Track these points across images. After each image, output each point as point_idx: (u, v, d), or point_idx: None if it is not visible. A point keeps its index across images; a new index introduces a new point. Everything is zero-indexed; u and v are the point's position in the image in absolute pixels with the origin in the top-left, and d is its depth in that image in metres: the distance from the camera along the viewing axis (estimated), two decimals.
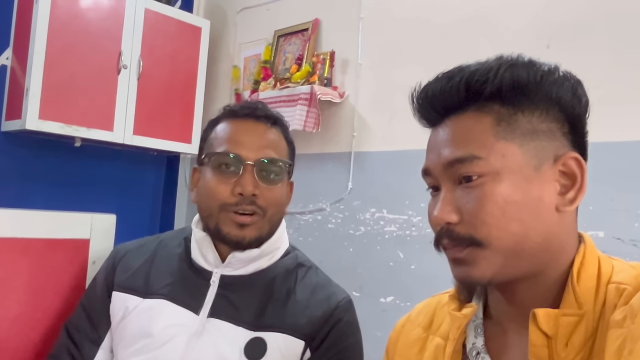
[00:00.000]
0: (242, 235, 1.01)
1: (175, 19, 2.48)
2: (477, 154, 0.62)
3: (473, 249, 0.62)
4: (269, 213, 1.03)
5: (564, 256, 0.63)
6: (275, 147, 1.06)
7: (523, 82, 0.62)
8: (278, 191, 1.04)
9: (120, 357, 1.03)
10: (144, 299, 1.05)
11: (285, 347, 1.00)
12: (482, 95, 0.63)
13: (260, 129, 1.06)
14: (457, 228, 0.63)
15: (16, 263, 1.17)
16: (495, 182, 0.61)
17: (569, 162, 0.62)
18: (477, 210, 0.61)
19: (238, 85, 2.62)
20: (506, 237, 0.60)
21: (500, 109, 0.63)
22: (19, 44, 2.15)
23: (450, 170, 0.64)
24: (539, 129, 0.62)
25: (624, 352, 0.52)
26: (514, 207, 0.60)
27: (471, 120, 0.64)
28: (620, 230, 1.45)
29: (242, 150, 1.01)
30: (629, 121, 1.46)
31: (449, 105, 0.66)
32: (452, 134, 0.65)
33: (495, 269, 0.61)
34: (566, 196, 0.62)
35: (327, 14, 2.30)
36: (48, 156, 2.35)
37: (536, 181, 0.61)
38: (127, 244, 1.16)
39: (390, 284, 1.93)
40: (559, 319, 0.58)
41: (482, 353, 0.68)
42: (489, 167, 0.61)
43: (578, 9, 1.60)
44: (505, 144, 0.62)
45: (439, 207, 0.64)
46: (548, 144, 0.62)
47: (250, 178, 1.00)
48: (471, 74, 0.63)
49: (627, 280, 0.59)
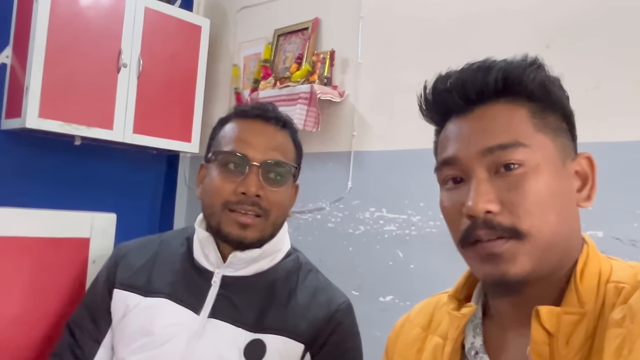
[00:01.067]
0: (243, 236, 1.01)
1: (175, 17, 2.48)
2: (522, 141, 0.61)
3: (514, 243, 0.59)
4: (273, 215, 1.03)
5: (573, 254, 0.64)
6: (283, 149, 1.06)
7: (548, 82, 0.64)
8: (282, 193, 1.04)
9: (120, 355, 1.03)
10: (145, 297, 1.05)
11: (284, 349, 1.00)
12: (518, 90, 0.64)
13: (269, 131, 1.06)
14: (498, 218, 0.60)
15: (16, 262, 1.17)
16: (538, 172, 0.61)
17: (582, 161, 0.65)
18: (521, 199, 0.60)
19: (238, 84, 2.62)
20: (546, 228, 0.60)
21: (529, 104, 0.64)
22: (19, 42, 2.14)
23: (489, 158, 0.62)
24: (561, 127, 0.65)
25: (623, 351, 0.52)
26: (553, 198, 0.61)
27: (507, 110, 0.64)
28: (619, 230, 1.45)
29: (249, 151, 1.01)
30: (627, 121, 1.47)
31: (483, 94, 0.65)
32: (489, 122, 0.64)
33: (534, 264, 0.60)
34: (581, 193, 0.65)
35: (327, 13, 2.30)
36: (48, 155, 2.35)
37: (564, 175, 0.63)
38: (129, 243, 1.17)
39: (389, 283, 1.93)
40: (561, 317, 0.58)
41: (481, 353, 0.68)
42: (532, 156, 0.61)
43: (577, 9, 1.60)
44: (542, 136, 0.63)
45: (475, 197, 0.61)
46: (568, 142, 0.66)
47: (255, 179, 1.00)
48: (509, 67, 0.64)
49: (625, 279, 0.60)
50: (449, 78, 0.67)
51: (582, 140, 0.69)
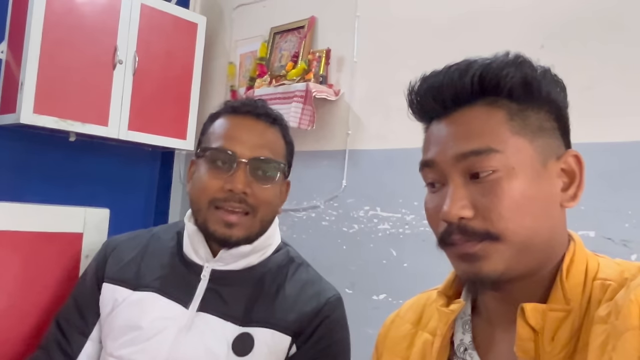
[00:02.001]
0: (229, 234, 1.00)
1: (172, 14, 2.48)
2: (495, 147, 0.61)
3: (487, 243, 0.61)
4: (261, 212, 1.02)
5: (558, 252, 0.64)
6: (272, 146, 1.05)
7: (530, 79, 0.63)
8: (271, 191, 1.04)
9: (109, 349, 1.03)
10: (134, 291, 1.05)
11: (272, 342, 1.00)
12: (496, 90, 0.63)
13: (259, 127, 1.05)
14: (471, 223, 0.61)
15: (9, 256, 1.17)
16: (512, 176, 0.61)
17: (569, 159, 0.64)
18: (494, 205, 0.60)
19: (233, 81, 2.62)
20: (521, 231, 0.60)
21: (510, 105, 0.63)
22: (14, 38, 2.14)
23: (462, 163, 0.62)
24: (544, 126, 0.64)
25: (607, 347, 0.53)
26: (528, 202, 0.61)
27: (483, 114, 0.63)
28: (611, 230, 1.46)
29: (237, 147, 1.01)
30: (620, 122, 1.48)
31: (459, 97, 0.65)
32: (464, 126, 0.64)
33: (507, 264, 0.61)
34: (567, 192, 0.64)
35: (324, 12, 2.31)
36: (42, 150, 2.34)
37: (545, 177, 0.63)
38: (118, 237, 1.16)
39: (382, 281, 1.94)
40: (546, 314, 0.59)
41: (470, 349, 0.68)
42: (506, 162, 0.61)
43: (572, 10, 1.61)
44: (519, 139, 0.62)
45: (450, 202, 0.62)
46: (551, 142, 0.64)
47: (242, 176, 0.99)
48: (486, 68, 0.63)
49: (612, 277, 0.60)
50: (427, 82, 0.67)
51: (575, 140, 0.68)
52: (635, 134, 1.46)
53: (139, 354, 0.99)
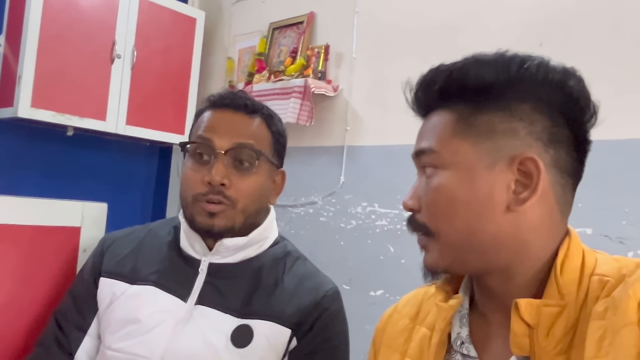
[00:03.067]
0: (211, 224, 1.00)
1: (170, 9, 2.47)
2: (434, 147, 0.66)
3: (430, 239, 0.67)
4: (241, 204, 1.01)
5: (531, 254, 0.63)
6: (252, 136, 1.04)
7: (485, 82, 0.63)
8: (252, 181, 1.03)
9: (107, 343, 1.03)
10: (131, 285, 1.05)
11: (271, 334, 1.00)
12: (445, 94, 0.66)
13: (237, 118, 1.05)
14: (416, 215, 0.68)
15: (6, 250, 1.17)
16: (444, 176, 0.65)
17: (525, 162, 0.62)
18: (430, 202, 0.66)
19: (232, 77, 2.62)
20: (452, 232, 0.64)
21: (463, 108, 0.65)
22: (12, 31, 2.13)
23: (417, 161, 0.70)
24: (497, 128, 0.63)
25: (604, 342, 0.53)
26: (459, 204, 0.63)
27: (438, 117, 0.68)
28: (608, 228, 1.46)
29: (215, 139, 1.01)
30: (618, 119, 1.47)
31: (426, 102, 0.70)
32: (425, 128, 0.70)
33: (448, 261, 0.66)
34: (520, 196, 0.62)
35: (323, 8, 2.30)
36: (40, 145, 2.33)
37: (486, 179, 0.62)
38: (115, 233, 1.17)
39: (380, 277, 1.94)
40: (540, 309, 0.59)
41: (467, 343, 0.69)
42: (441, 161, 0.65)
43: (571, 7, 1.61)
44: (459, 142, 0.64)
45: (408, 194, 0.70)
46: (506, 143, 0.62)
47: (220, 167, 0.99)
48: (439, 73, 0.66)
49: (610, 273, 0.60)
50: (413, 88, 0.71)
51: None
52: (633, 132, 1.46)
53: (138, 346, 0.99)
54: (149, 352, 0.99)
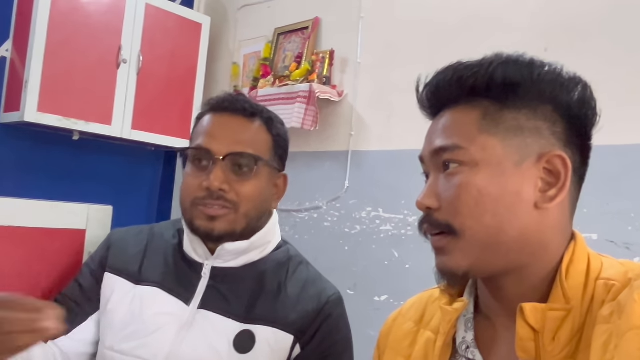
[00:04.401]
0: (211, 228, 1.00)
1: (176, 14, 2.48)
2: (460, 143, 0.64)
3: (451, 239, 0.64)
4: (243, 208, 1.01)
5: (549, 254, 0.64)
6: (251, 140, 1.03)
7: (513, 80, 0.63)
8: (252, 185, 1.02)
9: (109, 343, 1.02)
10: (136, 285, 1.05)
11: (274, 341, 1.00)
12: (471, 90, 0.65)
13: (236, 122, 1.04)
14: (435, 214, 0.66)
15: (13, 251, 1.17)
16: (472, 173, 0.63)
17: (553, 160, 0.63)
18: (453, 199, 0.64)
19: (237, 82, 2.62)
20: (480, 229, 0.62)
21: (488, 104, 0.65)
22: (19, 36, 2.15)
23: (436, 158, 0.67)
24: (525, 126, 0.63)
25: (609, 347, 0.53)
26: (488, 200, 0.62)
27: (460, 113, 0.67)
28: (614, 233, 1.46)
29: (214, 145, 1.01)
30: (624, 125, 1.47)
31: (445, 98, 0.68)
32: (443, 125, 0.68)
33: (470, 261, 0.63)
34: (547, 193, 0.63)
35: (328, 13, 2.31)
36: (46, 149, 2.34)
37: (515, 176, 0.62)
38: (122, 229, 1.17)
39: (384, 283, 1.94)
40: (546, 314, 0.59)
41: (472, 347, 0.68)
42: (469, 157, 0.63)
43: (576, 13, 1.61)
44: (487, 138, 0.64)
45: (423, 193, 0.67)
46: (533, 141, 0.63)
47: (219, 172, 0.99)
48: (464, 69, 0.66)
49: (615, 277, 0.60)
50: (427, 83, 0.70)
51: None
52: (639, 137, 1.46)
53: (141, 349, 0.99)
54: (152, 356, 0.98)
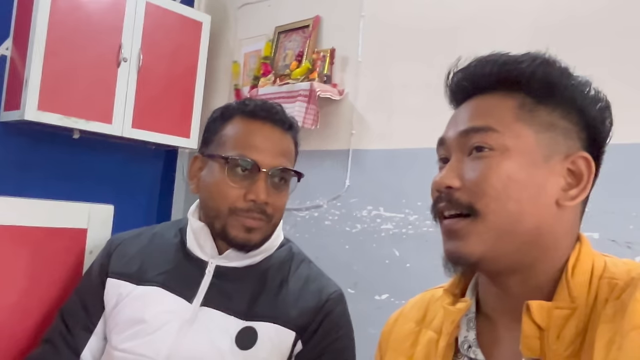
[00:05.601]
0: (248, 239, 1.02)
1: (177, 13, 2.48)
2: (495, 126, 0.64)
3: (469, 222, 0.63)
4: (275, 219, 1.05)
5: (558, 252, 0.64)
6: (289, 154, 1.06)
7: (554, 79, 0.65)
8: (285, 197, 1.06)
9: (113, 342, 1.03)
10: (137, 286, 1.06)
11: (276, 337, 1.01)
12: (512, 80, 0.66)
13: (277, 135, 1.05)
14: (457, 194, 0.64)
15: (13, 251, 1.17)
16: (504, 157, 0.63)
17: (578, 160, 0.64)
18: (480, 180, 0.63)
19: (238, 80, 2.62)
20: (502, 213, 0.62)
21: (525, 97, 0.65)
22: (19, 35, 2.14)
23: (465, 139, 0.66)
24: (557, 124, 0.65)
25: (613, 346, 0.53)
26: (515, 186, 0.62)
27: (496, 99, 0.67)
28: (615, 232, 1.46)
29: (259, 157, 1.01)
30: (626, 123, 1.46)
31: (482, 85, 0.68)
32: (475, 108, 0.68)
33: (485, 248, 0.63)
34: (569, 192, 0.64)
35: (328, 11, 2.31)
36: (46, 147, 2.35)
37: (543, 170, 0.63)
38: (122, 234, 1.17)
39: (385, 281, 1.94)
40: (552, 312, 0.59)
41: (474, 346, 0.68)
42: (502, 142, 0.63)
43: (577, 13, 1.60)
44: (523, 127, 0.64)
45: (444, 173, 0.66)
46: (563, 140, 0.64)
47: (264, 186, 1.00)
48: (509, 58, 0.66)
49: (619, 276, 0.60)
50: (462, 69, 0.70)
51: None
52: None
53: (143, 346, 1.00)
54: (155, 353, 0.99)
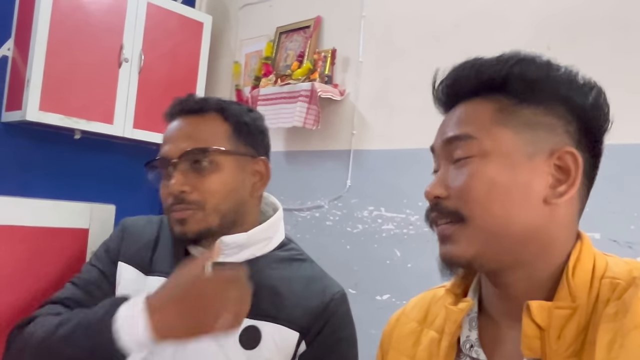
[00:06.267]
0: (182, 231, 1.01)
1: (178, 13, 2.49)
2: (472, 134, 0.65)
3: (458, 227, 0.64)
4: (209, 204, 1.00)
5: (555, 251, 0.64)
6: (203, 134, 1.03)
7: (530, 77, 0.64)
8: (215, 179, 1.01)
9: None
10: (146, 276, 1.06)
11: (280, 338, 1.00)
12: (489, 84, 0.66)
13: (186, 123, 1.05)
14: (445, 202, 0.66)
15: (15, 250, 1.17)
16: (484, 162, 0.64)
17: (564, 156, 0.63)
18: (463, 187, 0.64)
19: (239, 81, 2.63)
20: (488, 216, 0.63)
21: (504, 99, 0.65)
22: (21, 35, 2.15)
23: (448, 148, 0.68)
24: (539, 121, 0.64)
25: (614, 345, 0.53)
26: (499, 189, 0.63)
27: (476, 105, 0.67)
28: (616, 232, 1.46)
29: (169, 150, 1.02)
30: (626, 124, 1.46)
31: (462, 92, 0.69)
32: (457, 116, 0.69)
33: (475, 250, 0.64)
34: (557, 189, 0.63)
35: (329, 12, 2.31)
36: (48, 147, 2.34)
37: (526, 169, 0.63)
38: (134, 218, 1.18)
39: (386, 282, 1.94)
40: (552, 312, 0.59)
41: (476, 346, 0.68)
42: (481, 147, 0.64)
43: (578, 11, 1.60)
44: (501, 129, 0.64)
45: (432, 183, 0.68)
46: (547, 137, 0.64)
47: (177, 176, 0.99)
48: (483, 63, 0.67)
49: (620, 275, 0.60)
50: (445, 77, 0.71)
51: None
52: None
53: None
54: (160, 351, 0.98)
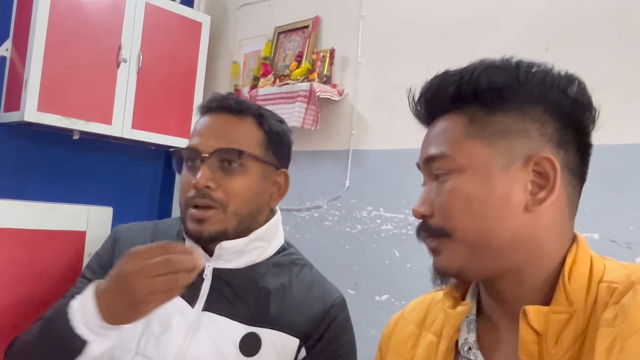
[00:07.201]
0: (200, 230, 0.99)
1: (176, 13, 2.48)
2: (447, 152, 0.66)
3: (443, 239, 0.66)
4: (232, 206, 1.00)
5: (546, 256, 0.63)
6: (239, 137, 1.03)
7: (497, 83, 0.64)
8: (241, 182, 1.01)
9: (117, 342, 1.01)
10: None
11: (280, 344, 0.99)
12: (458, 97, 0.66)
13: (223, 120, 1.05)
14: (430, 221, 0.67)
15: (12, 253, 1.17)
16: (460, 178, 0.64)
17: (541, 162, 0.63)
18: (444, 204, 0.65)
19: (237, 81, 2.62)
20: (469, 230, 0.63)
21: (476, 110, 0.65)
22: (19, 36, 2.14)
23: (428, 167, 0.69)
24: (512, 128, 0.64)
25: (614, 350, 0.53)
26: (476, 203, 0.63)
27: (449, 120, 0.68)
28: (615, 233, 1.45)
29: (200, 143, 1.01)
30: (625, 124, 1.47)
31: (435, 108, 0.70)
32: (433, 133, 0.69)
33: (462, 261, 0.65)
34: (537, 196, 0.63)
35: (328, 12, 2.31)
36: (46, 148, 2.34)
37: (503, 180, 0.63)
38: (126, 225, 1.16)
39: (385, 282, 1.94)
40: (549, 316, 0.59)
41: (474, 349, 0.68)
42: (456, 165, 0.65)
43: (577, 13, 1.60)
44: (474, 143, 0.64)
45: (417, 202, 0.69)
46: (521, 143, 0.63)
47: (205, 170, 0.98)
48: (449, 77, 0.67)
49: (618, 280, 0.60)
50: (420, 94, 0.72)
51: None
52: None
53: (150, 349, 0.98)
54: (160, 356, 0.97)
